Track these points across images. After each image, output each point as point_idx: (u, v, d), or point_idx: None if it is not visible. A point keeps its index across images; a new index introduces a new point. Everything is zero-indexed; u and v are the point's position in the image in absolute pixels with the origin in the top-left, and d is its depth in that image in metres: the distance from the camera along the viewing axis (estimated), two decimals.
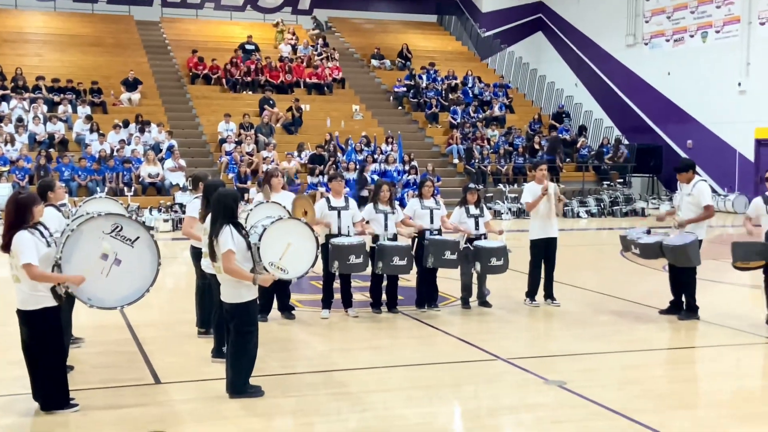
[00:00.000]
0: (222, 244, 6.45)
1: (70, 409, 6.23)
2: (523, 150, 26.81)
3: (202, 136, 25.99)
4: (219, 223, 6.52)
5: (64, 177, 21.04)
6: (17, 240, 6.00)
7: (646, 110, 29.56)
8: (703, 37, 27.35)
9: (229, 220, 6.54)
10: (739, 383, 7.41)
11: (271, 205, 8.80)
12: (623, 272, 14.04)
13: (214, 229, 6.54)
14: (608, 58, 31.15)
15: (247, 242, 6.60)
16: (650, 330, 9.25)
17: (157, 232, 19.95)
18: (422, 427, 6.10)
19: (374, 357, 8.14)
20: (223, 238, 6.46)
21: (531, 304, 10.44)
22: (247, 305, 6.62)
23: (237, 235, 6.50)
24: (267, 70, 28.96)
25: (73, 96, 25.58)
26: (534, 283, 10.46)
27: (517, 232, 20.56)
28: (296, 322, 9.52)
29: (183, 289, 9.00)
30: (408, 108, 29.75)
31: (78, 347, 8.04)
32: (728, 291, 11.23)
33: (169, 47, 30.75)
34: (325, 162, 24.10)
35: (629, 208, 25.21)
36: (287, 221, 7.50)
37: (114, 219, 6.53)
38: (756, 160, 25.40)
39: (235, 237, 6.47)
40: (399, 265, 9.53)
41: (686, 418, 6.28)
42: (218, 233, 6.49)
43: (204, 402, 6.57)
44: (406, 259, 9.54)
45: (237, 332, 6.63)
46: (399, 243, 9.67)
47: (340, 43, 33.68)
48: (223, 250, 6.44)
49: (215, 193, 6.78)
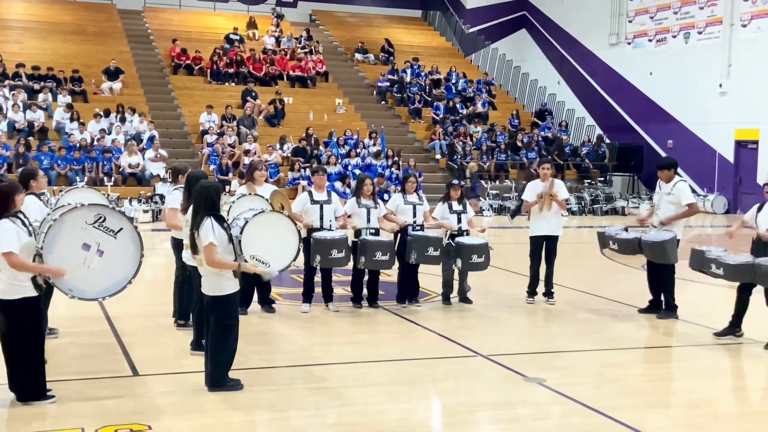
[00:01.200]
0: (203, 236, 6.41)
1: (46, 400, 6.18)
2: (506, 147, 26.88)
3: (184, 127, 25.85)
4: (200, 216, 6.48)
5: (44, 166, 20.84)
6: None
7: (627, 109, 29.71)
8: (686, 37, 27.52)
9: (211, 212, 6.50)
10: (715, 383, 7.47)
11: (253, 198, 8.77)
12: (603, 271, 14.12)
13: (195, 222, 6.50)
14: (591, 57, 31.28)
15: (229, 235, 6.56)
16: (629, 328, 9.31)
17: (137, 223, 19.83)
18: (401, 422, 6.10)
19: (354, 352, 8.13)
20: (204, 231, 6.42)
21: (527, 300, 10.49)
22: (228, 298, 6.59)
23: (218, 227, 6.47)
24: (250, 62, 28.83)
25: (54, 84, 25.35)
26: (531, 279, 10.52)
27: (499, 228, 20.62)
28: (276, 316, 9.50)
29: (162, 280, 8.95)
30: (391, 103, 29.73)
31: (54, 338, 7.98)
32: (707, 290, 11.31)
33: (151, 37, 30.53)
34: (307, 155, 24.05)
35: (609, 206, 25.35)
36: (269, 214, 7.48)
37: (97, 209, 6.48)
38: (735, 161, 25.62)
39: (216, 229, 6.43)
40: (381, 260, 9.52)
41: (663, 416, 6.32)
42: (199, 226, 6.45)
43: (183, 395, 6.54)
44: (388, 254, 9.53)
45: (218, 325, 6.59)
46: (382, 238, 9.66)
47: (324, 36, 33.60)
48: (204, 242, 6.41)
49: (197, 185, 6.73)
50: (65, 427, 5.71)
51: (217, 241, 6.40)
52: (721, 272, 8.62)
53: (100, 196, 8.57)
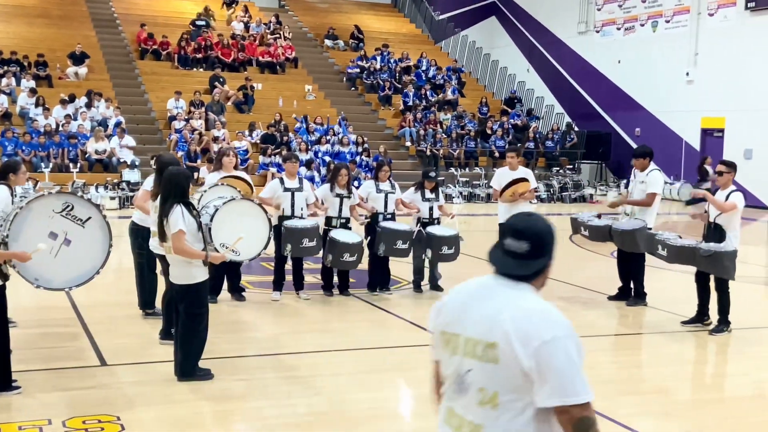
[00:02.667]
0: (172, 224, 6.31)
1: (12, 391, 6.07)
2: (475, 134, 26.90)
3: (151, 113, 25.53)
4: (169, 203, 6.37)
5: (7, 152, 20.47)
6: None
7: (596, 97, 29.88)
8: (654, 26, 27.70)
9: (180, 199, 6.39)
10: (685, 369, 7.55)
11: (224, 187, 8.65)
12: (572, 257, 14.18)
13: (165, 209, 6.39)
14: (560, 45, 31.39)
15: (198, 222, 6.47)
16: (598, 315, 9.37)
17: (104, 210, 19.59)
18: (374, 411, 6.08)
19: (325, 340, 8.09)
20: (173, 218, 6.31)
21: None
22: (197, 287, 6.50)
23: (188, 215, 6.36)
24: (219, 48, 28.54)
25: (18, 68, 24.87)
26: None
27: (468, 216, 20.68)
28: (246, 304, 9.42)
29: (129, 269, 8.83)
30: (361, 89, 29.61)
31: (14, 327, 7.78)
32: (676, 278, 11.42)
33: (118, 21, 30.06)
34: (276, 142, 23.89)
35: (578, 194, 25.52)
36: (240, 202, 7.39)
37: (65, 197, 6.37)
38: (701, 149, 25.88)
39: (185, 217, 6.33)
40: (349, 261, 9.50)
41: (633, 403, 6.36)
42: (168, 213, 6.34)
43: (152, 385, 6.46)
44: (356, 255, 9.50)
45: (187, 314, 6.50)
46: (350, 240, 9.49)
47: (294, 22, 33.34)
48: (173, 230, 6.30)
49: (166, 172, 6.60)
50: (32, 418, 5.61)
51: (186, 228, 6.30)
52: (665, 254, 8.82)
53: None
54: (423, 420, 6.05)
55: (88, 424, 5.54)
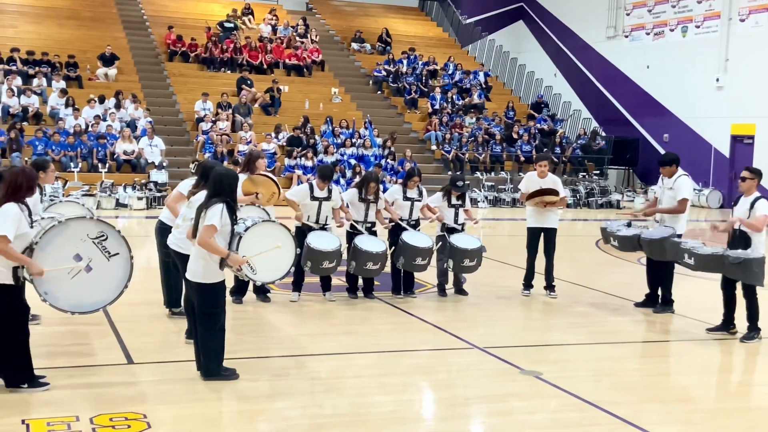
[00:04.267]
0: (209, 216, 6.35)
1: (40, 387, 6.14)
2: (501, 139, 26.84)
3: (179, 114, 25.73)
4: (214, 200, 6.42)
5: (38, 151, 20.73)
6: (4, 210, 5.94)
7: (624, 103, 29.69)
8: (683, 31, 27.49)
9: (226, 198, 6.45)
10: (710, 378, 7.48)
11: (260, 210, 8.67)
12: (598, 263, 14.12)
13: (208, 203, 6.44)
14: (588, 50, 31.23)
15: (233, 227, 6.51)
16: (625, 322, 9.31)
17: (131, 209, 19.79)
18: (396, 414, 6.08)
19: (349, 342, 8.10)
20: (211, 212, 6.36)
21: (523, 293, 10.47)
22: (212, 287, 6.51)
23: (226, 215, 6.40)
24: (246, 50, 28.70)
25: (49, 69, 25.18)
26: (527, 271, 10.49)
27: (493, 220, 20.62)
28: (271, 305, 9.46)
29: (156, 268, 8.90)
30: (387, 93, 29.64)
31: (37, 324, 7.87)
32: (704, 285, 11.31)
33: (147, 23, 30.34)
34: (303, 144, 23.98)
35: (604, 199, 25.37)
36: (276, 226, 7.28)
37: (103, 227, 6.46)
38: (731, 156, 25.64)
39: (223, 216, 6.38)
40: (371, 269, 9.54)
41: (657, 411, 6.31)
42: (210, 206, 6.40)
43: (178, 383, 6.51)
44: (379, 263, 9.52)
45: (201, 313, 6.53)
46: (373, 249, 9.47)
47: (321, 25, 33.45)
48: (206, 222, 6.34)
49: (215, 170, 6.69)
50: (60, 414, 5.67)
51: (219, 226, 6.35)
52: (692, 262, 8.67)
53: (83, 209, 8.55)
54: (445, 423, 6.05)
55: (115, 421, 5.60)
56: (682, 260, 8.83)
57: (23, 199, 6.09)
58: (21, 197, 6.07)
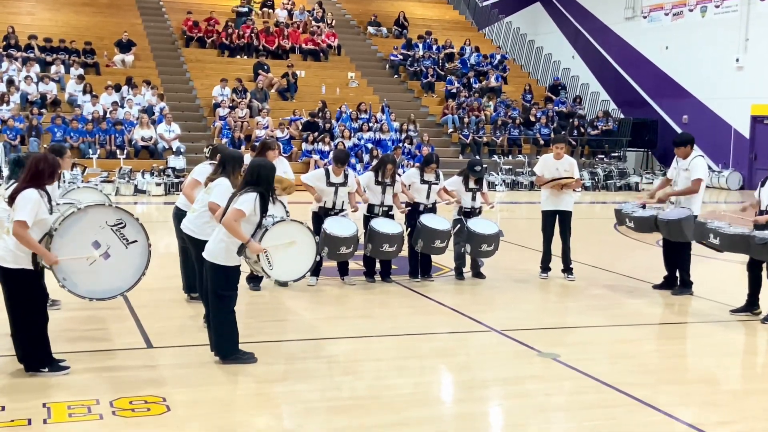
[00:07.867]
0: (240, 201, 6.38)
1: (61, 371, 6.20)
2: (519, 122, 26.70)
3: (196, 100, 25.78)
4: (251, 188, 6.44)
5: (56, 138, 20.85)
6: (25, 195, 6.00)
7: (642, 84, 29.44)
8: (702, 11, 27.17)
9: (263, 188, 6.47)
10: (729, 359, 7.43)
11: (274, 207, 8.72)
12: (617, 246, 14.06)
13: (243, 189, 6.47)
14: (606, 31, 30.95)
15: (261, 219, 6.52)
16: (643, 304, 9.27)
17: (149, 195, 19.89)
18: (414, 396, 6.09)
19: (367, 326, 8.12)
20: (243, 198, 6.39)
21: (540, 276, 10.45)
22: (227, 269, 6.53)
23: (258, 206, 6.43)
24: (263, 35, 28.68)
25: (66, 56, 25.29)
26: (544, 254, 10.47)
27: (511, 203, 20.56)
28: (289, 290, 9.48)
29: (175, 253, 8.95)
30: (404, 77, 29.54)
31: (57, 309, 7.95)
32: (722, 267, 11.25)
33: (163, 9, 30.37)
34: (319, 129, 23.97)
35: (623, 182, 25.21)
36: (304, 229, 7.21)
37: (121, 214, 6.49)
38: (751, 136, 25.39)
39: (255, 206, 6.40)
40: (388, 251, 9.56)
41: (676, 393, 6.29)
42: (244, 192, 6.42)
43: (197, 367, 6.55)
44: (396, 246, 9.54)
45: (214, 294, 6.56)
46: (390, 230, 9.52)
47: (337, 9, 33.34)
48: (236, 206, 6.38)
49: (254, 160, 6.78)
50: (80, 398, 5.73)
51: (248, 213, 6.37)
52: (717, 242, 8.63)
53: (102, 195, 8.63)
54: (463, 405, 6.06)
55: (135, 404, 5.65)
56: (708, 240, 8.77)
57: (44, 185, 6.14)
58: (42, 184, 6.12)
